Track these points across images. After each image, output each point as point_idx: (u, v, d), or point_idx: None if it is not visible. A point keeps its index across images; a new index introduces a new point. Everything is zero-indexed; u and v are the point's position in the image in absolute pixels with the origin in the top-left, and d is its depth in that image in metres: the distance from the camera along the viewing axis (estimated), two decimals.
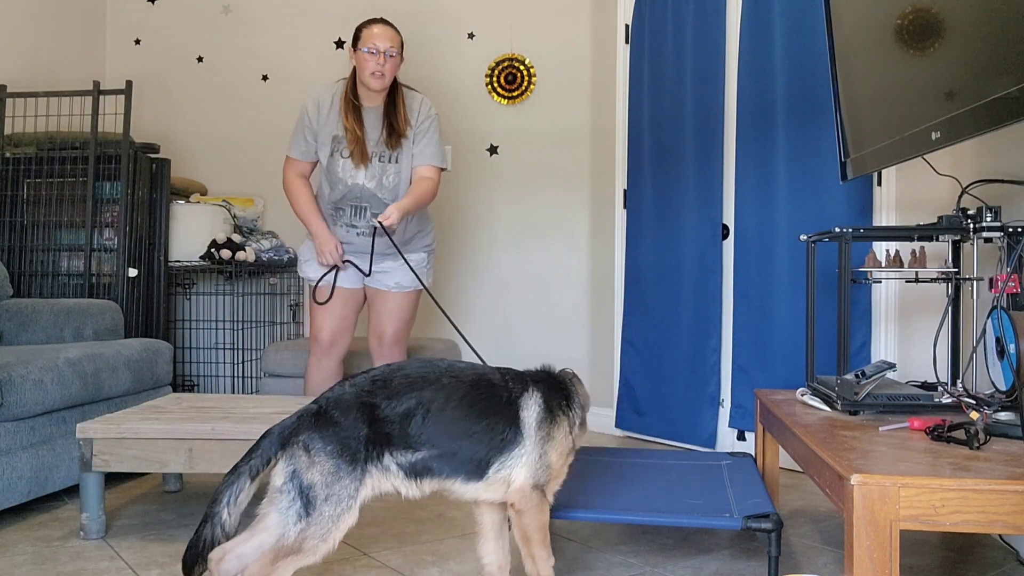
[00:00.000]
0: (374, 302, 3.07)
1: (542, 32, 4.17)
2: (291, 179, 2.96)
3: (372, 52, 2.79)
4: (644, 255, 3.70)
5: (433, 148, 2.93)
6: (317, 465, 1.54)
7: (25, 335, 3.16)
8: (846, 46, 2.56)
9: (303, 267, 3.06)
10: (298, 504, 1.54)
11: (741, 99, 3.34)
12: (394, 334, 3.05)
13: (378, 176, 2.88)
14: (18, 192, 3.69)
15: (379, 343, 3.06)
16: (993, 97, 1.76)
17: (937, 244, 2.58)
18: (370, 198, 2.90)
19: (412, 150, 2.91)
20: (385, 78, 2.82)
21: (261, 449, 1.59)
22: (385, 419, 1.59)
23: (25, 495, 2.47)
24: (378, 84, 2.82)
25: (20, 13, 3.92)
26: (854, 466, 1.47)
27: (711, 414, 3.44)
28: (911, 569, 2.10)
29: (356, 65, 2.85)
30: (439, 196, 4.22)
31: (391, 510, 2.62)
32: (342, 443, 1.55)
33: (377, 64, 2.79)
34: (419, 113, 2.92)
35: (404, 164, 2.90)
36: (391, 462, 1.61)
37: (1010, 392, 1.79)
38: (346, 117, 2.83)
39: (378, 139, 2.86)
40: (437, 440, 1.63)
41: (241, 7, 4.39)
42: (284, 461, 1.55)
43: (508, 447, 1.69)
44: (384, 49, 2.80)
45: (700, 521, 1.89)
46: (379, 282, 3.03)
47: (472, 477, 1.68)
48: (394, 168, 2.89)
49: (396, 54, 2.84)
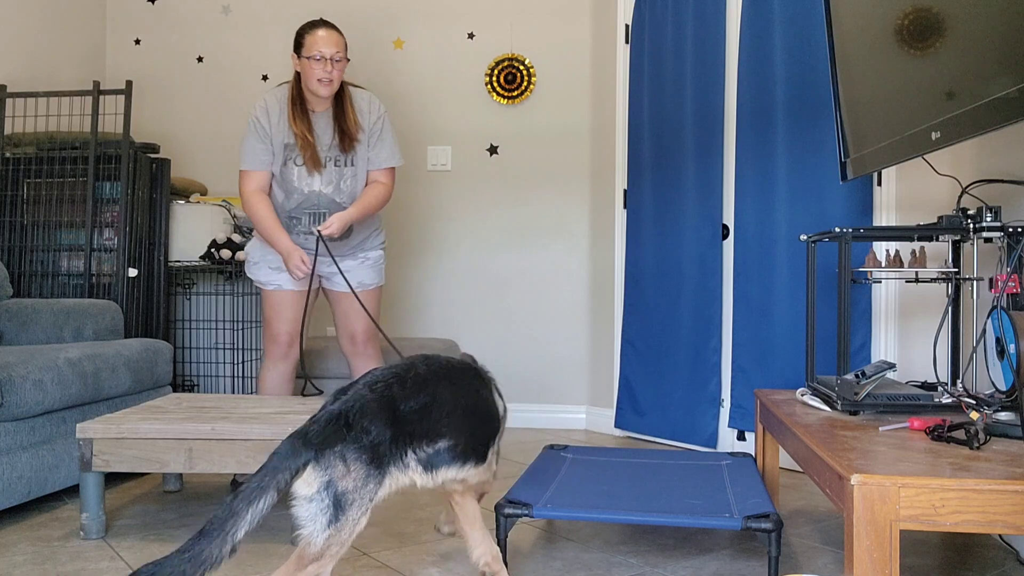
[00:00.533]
0: (339, 304, 3.03)
1: (542, 32, 4.17)
2: (251, 194, 2.83)
3: (318, 59, 2.72)
4: (644, 255, 3.71)
5: (388, 151, 2.91)
6: (352, 474, 1.56)
7: (25, 335, 3.16)
8: (846, 46, 2.56)
9: (252, 269, 2.97)
10: (330, 512, 1.55)
11: (741, 99, 3.34)
12: (365, 331, 3.02)
13: (335, 181, 2.85)
14: (18, 192, 3.69)
15: (352, 343, 3.03)
16: (993, 97, 1.76)
17: (937, 244, 2.58)
18: (328, 204, 2.86)
19: (367, 153, 2.88)
20: (333, 84, 2.75)
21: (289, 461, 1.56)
22: (406, 418, 1.63)
23: (25, 495, 2.47)
24: (326, 91, 2.75)
25: (20, 13, 3.92)
26: (854, 466, 1.47)
27: (711, 414, 3.44)
28: (911, 569, 2.10)
29: (301, 72, 2.77)
30: (438, 196, 4.24)
31: (391, 510, 2.62)
32: (373, 451, 1.58)
33: (324, 71, 2.72)
34: (370, 113, 2.87)
35: (360, 166, 2.88)
36: (411, 458, 1.64)
37: (1010, 392, 1.79)
38: (295, 122, 2.76)
39: (330, 144, 2.82)
40: (452, 432, 1.69)
41: (241, 7, 4.39)
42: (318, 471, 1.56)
43: (496, 430, 1.85)
44: (330, 55, 2.73)
45: (700, 521, 1.89)
46: (339, 284, 2.97)
47: (479, 461, 1.77)
48: (351, 171, 2.86)
49: (342, 58, 2.77)
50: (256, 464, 2.28)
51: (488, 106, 4.20)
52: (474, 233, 4.21)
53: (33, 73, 4.00)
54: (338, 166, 2.85)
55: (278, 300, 2.92)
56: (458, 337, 4.20)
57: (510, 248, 4.19)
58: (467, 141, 4.22)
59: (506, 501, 1.98)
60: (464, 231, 4.22)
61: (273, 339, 2.94)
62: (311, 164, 2.78)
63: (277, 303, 2.93)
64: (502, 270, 4.19)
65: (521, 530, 2.41)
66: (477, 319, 4.19)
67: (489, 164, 4.21)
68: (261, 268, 2.93)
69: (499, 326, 4.18)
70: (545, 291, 4.16)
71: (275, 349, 2.94)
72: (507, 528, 1.95)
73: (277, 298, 2.92)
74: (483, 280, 4.20)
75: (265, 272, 2.93)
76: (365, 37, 4.30)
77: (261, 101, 2.82)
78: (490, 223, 4.20)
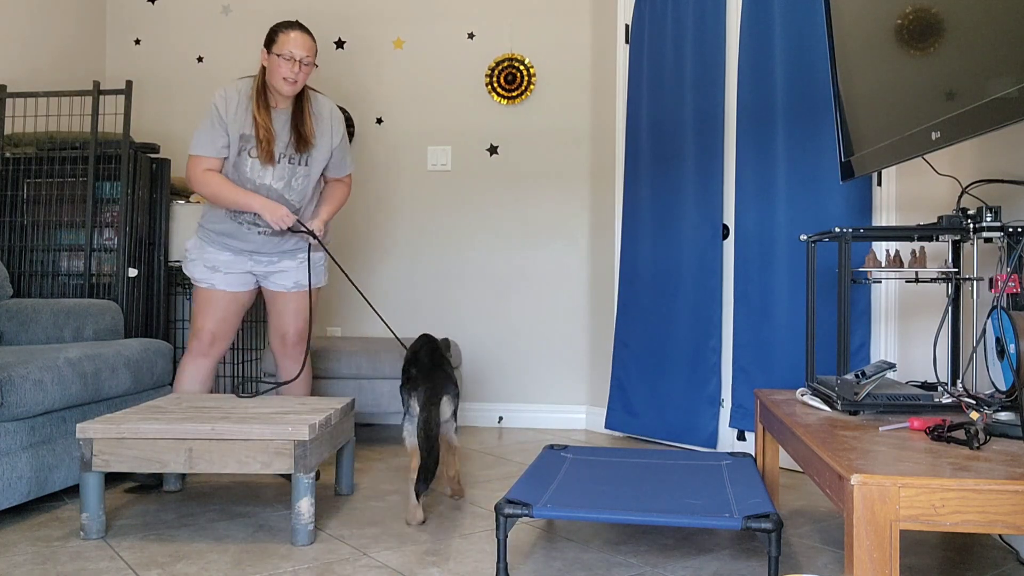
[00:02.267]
0: (274, 303, 3.02)
1: (542, 32, 4.17)
2: (205, 173, 2.81)
3: (287, 58, 2.74)
4: (642, 255, 3.71)
5: (348, 159, 3.01)
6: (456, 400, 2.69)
7: (25, 335, 3.16)
8: (846, 46, 2.56)
9: (188, 266, 2.96)
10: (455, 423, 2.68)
11: (741, 99, 3.34)
12: (297, 333, 3.02)
13: (287, 178, 2.85)
14: (18, 192, 3.70)
15: (283, 343, 3.03)
16: (993, 97, 1.76)
17: (937, 244, 2.58)
18: (277, 199, 2.86)
19: (327, 160, 2.91)
20: (297, 85, 2.78)
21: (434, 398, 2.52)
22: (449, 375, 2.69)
23: (25, 495, 2.47)
24: (290, 91, 2.77)
25: (20, 13, 3.92)
26: (854, 466, 1.47)
27: (711, 414, 3.44)
28: (911, 569, 2.10)
29: (268, 67, 2.78)
30: (438, 196, 4.24)
31: (391, 510, 2.62)
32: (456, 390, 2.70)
33: (291, 71, 2.74)
34: (330, 120, 2.90)
35: (314, 168, 2.90)
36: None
37: (1010, 392, 1.79)
38: (259, 112, 2.77)
39: (287, 143, 2.84)
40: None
41: (241, 7, 4.39)
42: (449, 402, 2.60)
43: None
44: (300, 57, 2.75)
45: (700, 521, 1.89)
46: (277, 284, 2.99)
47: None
48: (304, 171, 2.88)
49: (311, 62, 2.79)
50: (256, 464, 2.28)
51: (488, 106, 4.20)
52: (474, 233, 4.21)
53: (33, 73, 4.00)
54: (292, 164, 2.86)
55: (208, 298, 2.93)
56: (458, 337, 4.20)
57: (510, 248, 4.19)
58: (467, 141, 4.22)
59: (506, 501, 1.98)
60: (464, 231, 4.22)
61: (196, 335, 2.94)
62: (265, 157, 2.80)
63: (207, 301, 2.93)
64: (502, 270, 4.19)
65: (521, 530, 2.41)
66: (477, 319, 4.19)
67: (489, 164, 4.21)
68: (197, 265, 2.94)
69: (499, 326, 4.18)
70: (545, 291, 4.16)
71: (197, 345, 2.94)
72: (507, 528, 1.95)
73: (208, 296, 2.93)
74: (483, 280, 4.20)
75: (200, 270, 2.93)
76: (365, 37, 4.30)
77: (221, 90, 2.81)
78: (490, 223, 4.20)
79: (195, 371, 2.95)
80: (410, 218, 4.26)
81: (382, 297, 4.26)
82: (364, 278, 4.28)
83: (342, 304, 4.28)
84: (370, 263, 4.28)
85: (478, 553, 2.21)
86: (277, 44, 2.76)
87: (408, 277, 4.26)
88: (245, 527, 2.44)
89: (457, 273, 4.22)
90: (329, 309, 4.31)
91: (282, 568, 2.09)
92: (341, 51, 4.32)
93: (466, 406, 4.17)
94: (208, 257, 2.93)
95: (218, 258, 2.92)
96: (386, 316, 4.25)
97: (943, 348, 2.44)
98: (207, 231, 2.94)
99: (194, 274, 2.95)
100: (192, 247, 2.98)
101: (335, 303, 4.29)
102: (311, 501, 2.28)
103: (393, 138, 4.28)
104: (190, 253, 2.98)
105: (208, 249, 2.93)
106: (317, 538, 2.33)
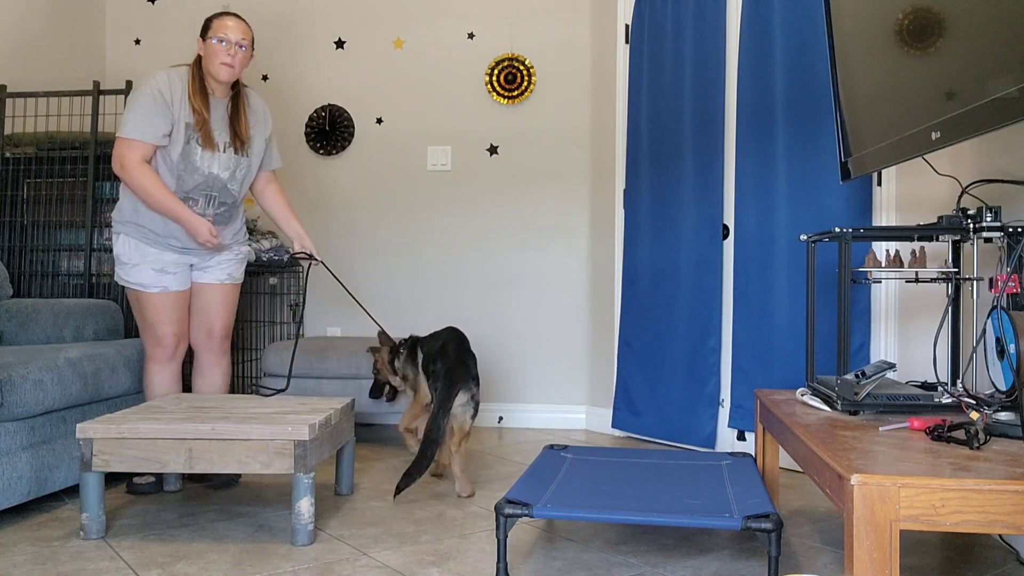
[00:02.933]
0: (201, 295, 2.93)
1: (542, 32, 4.17)
2: (139, 165, 2.66)
3: (223, 42, 2.73)
4: (642, 255, 3.71)
5: (278, 153, 3.05)
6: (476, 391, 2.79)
7: (25, 335, 3.16)
8: (846, 46, 2.56)
9: (131, 272, 2.78)
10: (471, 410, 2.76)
11: (741, 99, 3.34)
12: (224, 327, 2.97)
13: (232, 168, 2.83)
14: (18, 192, 3.70)
15: (208, 337, 2.94)
16: (993, 97, 1.76)
17: (937, 244, 2.58)
18: (221, 189, 2.83)
19: (262, 154, 2.93)
20: (235, 70, 2.76)
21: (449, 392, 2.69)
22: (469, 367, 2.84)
23: (25, 495, 2.47)
24: (227, 75, 2.75)
25: (20, 13, 3.92)
26: (854, 466, 1.47)
27: (710, 414, 3.44)
28: (911, 569, 2.10)
29: (204, 56, 2.76)
30: (438, 196, 4.24)
31: (391, 510, 2.62)
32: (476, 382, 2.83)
33: (228, 55, 2.73)
34: (263, 114, 2.93)
35: (254, 161, 2.91)
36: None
37: (1010, 392, 1.79)
38: (195, 97, 2.73)
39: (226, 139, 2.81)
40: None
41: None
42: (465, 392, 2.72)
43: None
44: (236, 40, 2.74)
45: (700, 521, 1.89)
46: (211, 275, 2.92)
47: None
48: (246, 163, 2.88)
49: (247, 47, 2.79)
50: (256, 464, 2.28)
51: (488, 106, 4.20)
52: (474, 233, 4.21)
53: (33, 73, 4.00)
54: (237, 154, 2.84)
55: (163, 302, 2.81)
56: None
57: (510, 248, 4.19)
58: (467, 141, 4.22)
59: (506, 501, 1.98)
60: (464, 231, 4.22)
61: (159, 342, 2.83)
62: (205, 141, 2.76)
63: (162, 305, 2.81)
64: (502, 270, 4.19)
65: (521, 530, 2.41)
66: (477, 319, 4.19)
67: (489, 164, 4.21)
68: (142, 271, 2.77)
69: (499, 326, 4.18)
70: (545, 291, 4.16)
71: (161, 352, 2.84)
72: (507, 528, 1.95)
73: (162, 300, 2.80)
74: (483, 280, 4.20)
75: (148, 275, 2.78)
76: (365, 37, 4.30)
77: (162, 75, 2.71)
78: (490, 223, 4.20)
79: (166, 377, 2.87)
80: (410, 218, 4.26)
81: (382, 297, 4.26)
82: (364, 278, 4.28)
83: (342, 304, 4.28)
84: (370, 263, 4.28)
85: (478, 553, 2.21)
86: (212, 30, 2.75)
87: (408, 277, 4.26)
88: (245, 527, 2.44)
89: (457, 273, 4.22)
90: (329, 309, 4.31)
91: (282, 568, 2.09)
92: (341, 51, 4.32)
93: None
94: (153, 260, 2.78)
95: (164, 258, 2.79)
96: (386, 316, 4.25)
97: (943, 348, 2.44)
98: (146, 231, 2.77)
99: (140, 280, 2.78)
100: (127, 250, 2.79)
101: (335, 303, 4.29)
102: (311, 501, 2.28)
103: (393, 138, 4.28)
104: (127, 258, 2.78)
105: (150, 251, 2.78)
106: (317, 538, 2.33)
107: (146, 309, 2.81)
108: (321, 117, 4.29)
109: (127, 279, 2.80)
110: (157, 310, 2.81)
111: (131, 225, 2.78)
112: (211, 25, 2.77)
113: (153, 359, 2.86)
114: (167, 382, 2.88)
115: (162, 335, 2.83)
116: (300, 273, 4.25)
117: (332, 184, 4.31)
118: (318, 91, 4.33)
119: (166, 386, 2.88)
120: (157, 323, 2.82)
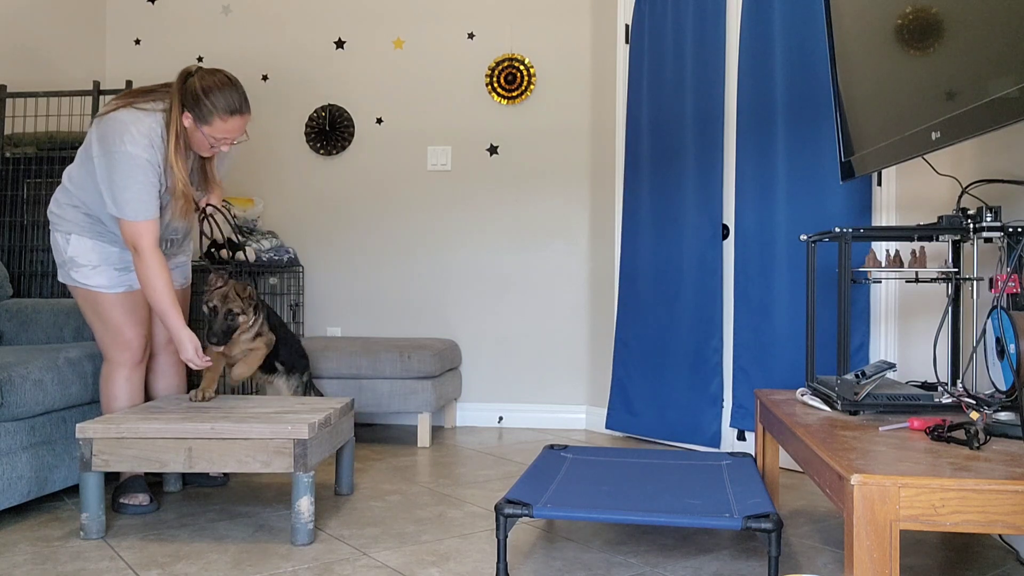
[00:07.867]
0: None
1: (542, 32, 4.17)
2: (155, 254, 2.47)
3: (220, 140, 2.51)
4: (641, 255, 3.71)
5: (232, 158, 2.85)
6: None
7: (25, 335, 3.16)
8: (846, 46, 2.56)
9: (90, 275, 2.59)
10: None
11: (741, 99, 3.34)
12: None
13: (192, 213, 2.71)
14: (18, 192, 3.69)
15: (169, 340, 2.79)
16: (993, 97, 1.76)
17: (937, 244, 2.58)
18: (183, 230, 2.75)
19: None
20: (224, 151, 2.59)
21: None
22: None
23: (25, 495, 2.47)
24: (211, 154, 2.60)
25: (20, 13, 3.92)
26: (854, 466, 1.47)
27: (713, 414, 3.44)
28: (911, 569, 2.10)
29: (189, 131, 2.50)
30: (438, 196, 4.24)
31: (391, 510, 2.62)
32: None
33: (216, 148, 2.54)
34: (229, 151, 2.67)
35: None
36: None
37: (1010, 392, 1.79)
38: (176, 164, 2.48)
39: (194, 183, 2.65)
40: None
41: (241, 7, 4.39)
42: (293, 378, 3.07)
43: None
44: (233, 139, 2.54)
45: (700, 521, 1.89)
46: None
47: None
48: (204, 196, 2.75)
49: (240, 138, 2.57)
50: (256, 463, 2.28)
51: (488, 106, 4.20)
52: (474, 233, 4.21)
53: (33, 73, 4.00)
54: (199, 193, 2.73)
55: (129, 302, 2.63)
56: (458, 337, 4.20)
57: (510, 248, 4.19)
58: (467, 141, 4.22)
59: (506, 501, 1.98)
60: (464, 231, 4.22)
61: (126, 346, 2.63)
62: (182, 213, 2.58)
63: (128, 305, 2.63)
64: (502, 270, 4.19)
65: (521, 530, 2.41)
66: (477, 319, 4.19)
67: (489, 164, 4.21)
68: (104, 271, 2.60)
69: (499, 326, 4.18)
70: (545, 291, 4.16)
71: (129, 356, 2.64)
72: (507, 528, 1.95)
73: (128, 300, 2.63)
74: (483, 280, 4.20)
75: (110, 275, 2.60)
76: (365, 37, 4.30)
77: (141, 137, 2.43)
78: (490, 223, 4.20)
79: (134, 384, 2.68)
80: (410, 218, 4.26)
81: (382, 297, 4.26)
82: (364, 278, 4.28)
83: (342, 304, 4.28)
84: (370, 263, 4.28)
85: (478, 553, 2.21)
86: (212, 127, 2.47)
87: (408, 277, 4.25)
88: (245, 527, 2.44)
89: (457, 273, 4.22)
90: (329, 309, 4.31)
91: (282, 568, 2.09)
92: (341, 51, 4.32)
93: (466, 406, 4.17)
94: (115, 259, 2.62)
95: (124, 256, 2.62)
96: (386, 316, 4.25)
97: (943, 348, 2.44)
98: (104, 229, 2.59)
99: (101, 281, 2.59)
100: (84, 251, 2.59)
101: (335, 303, 4.29)
102: (311, 500, 2.28)
103: (393, 138, 4.27)
104: (85, 259, 2.59)
105: (111, 249, 2.62)
106: (317, 538, 2.33)
107: (110, 312, 2.61)
108: (321, 117, 4.30)
109: (85, 282, 2.59)
110: (123, 312, 2.62)
111: (83, 224, 2.58)
112: (212, 122, 2.47)
113: (120, 364, 2.64)
114: (135, 391, 2.68)
115: (130, 338, 2.64)
116: (300, 273, 4.25)
117: (332, 184, 4.31)
118: (318, 91, 4.33)
119: (134, 396, 2.68)
120: (124, 326, 2.62)
